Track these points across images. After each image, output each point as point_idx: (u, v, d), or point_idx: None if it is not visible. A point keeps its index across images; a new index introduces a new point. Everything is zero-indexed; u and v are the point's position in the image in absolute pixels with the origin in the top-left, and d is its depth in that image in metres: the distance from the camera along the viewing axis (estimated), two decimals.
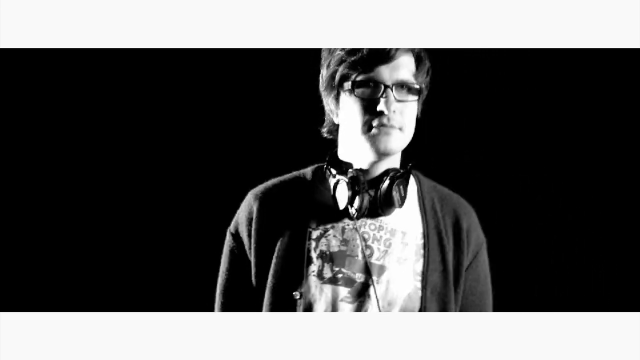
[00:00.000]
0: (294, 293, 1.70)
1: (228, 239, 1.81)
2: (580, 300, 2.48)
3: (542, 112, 2.52)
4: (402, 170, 1.75)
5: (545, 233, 2.52)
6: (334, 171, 1.76)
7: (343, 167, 1.76)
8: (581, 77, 2.49)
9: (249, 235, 1.77)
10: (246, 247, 1.77)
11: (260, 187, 1.82)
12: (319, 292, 1.70)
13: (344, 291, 1.71)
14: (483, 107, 2.53)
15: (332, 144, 1.82)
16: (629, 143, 2.48)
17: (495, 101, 2.53)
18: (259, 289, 1.74)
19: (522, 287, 2.51)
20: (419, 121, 1.79)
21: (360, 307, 1.70)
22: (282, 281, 1.71)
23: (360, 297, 1.71)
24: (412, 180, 1.81)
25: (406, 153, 1.79)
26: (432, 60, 1.80)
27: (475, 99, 2.53)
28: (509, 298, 2.49)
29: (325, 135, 1.83)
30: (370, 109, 1.69)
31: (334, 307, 1.70)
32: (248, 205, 1.80)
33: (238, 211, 1.82)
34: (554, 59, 2.47)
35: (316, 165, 1.83)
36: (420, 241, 1.76)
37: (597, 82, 2.49)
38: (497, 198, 2.53)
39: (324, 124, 1.82)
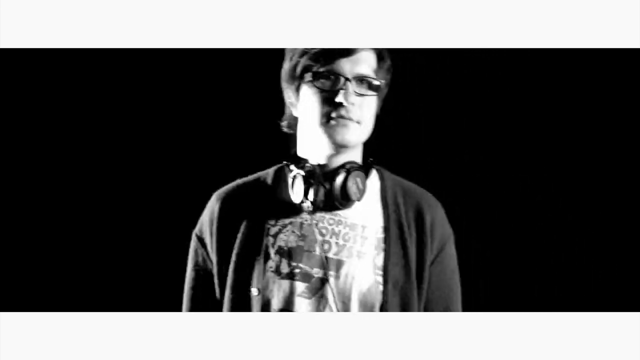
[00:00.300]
0: (251, 289, 1.71)
1: (193, 241, 1.83)
2: (579, 300, 2.47)
3: (542, 112, 2.52)
4: (359, 164, 1.77)
5: (545, 233, 2.52)
6: (292, 167, 1.77)
7: (301, 163, 1.77)
8: (581, 77, 2.49)
9: (211, 235, 1.79)
10: (209, 247, 1.79)
11: (223, 188, 1.84)
12: (276, 287, 1.71)
13: (301, 286, 1.71)
14: (483, 107, 2.53)
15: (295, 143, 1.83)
16: (629, 143, 2.48)
17: (495, 101, 2.53)
18: (222, 288, 1.76)
19: (522, 287, 2.51)
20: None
21: (317, 302, 1.71)
22: (240, 278, 1.73)
23: (318, 292, 1.71)
24: (374, 175, 1.82)
25: (368, 149, 1.81)
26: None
27: (475, 99, 2.53)
28: (510, 298, 2.50)
29: (284, 129, 1.84)
30: (329, 101, 1.71)
31: (291, 303, 1.71)
32: (211, 206, 1.82)
33: (203, 213, 1.84)
34: (554, 59, 2.47)
35: (278, 165, 1.84)
36: (381, 235, 1.76)
37: (597, 82, 2.48)
38: (497, 198, 2.53)
39: (284, 117, 1.84)
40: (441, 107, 2.53)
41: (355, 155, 1.78)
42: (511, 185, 2.53)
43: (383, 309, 1.70)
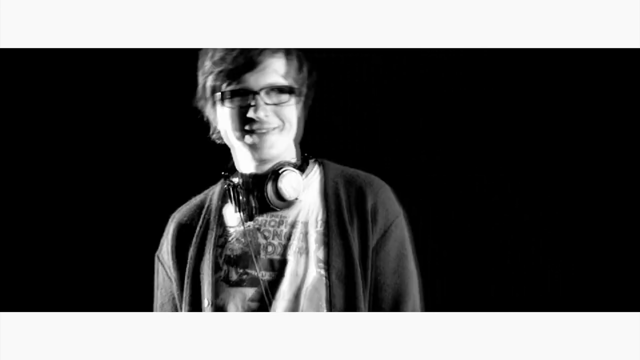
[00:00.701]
0: (203, 301, 1.76)
1: (156, 262, 1.89)
2: (579, 300, 2.47)
3: (539, 113, 2.52)
4: (290, 162, 1.79)
5: (545, 233, 2.52)
6: (228, 179, 1.81)
7: (235, 174, 1.82)
8: (579, 77, 2.48)
9: (168, 254, 1.85)
10: (168, 266, 1.85)
11: (178, 209, 1.90)
12: (227, 295, 1.75)
13: (250, 291, 1.75)
14: (480, 106, 2.53)
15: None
16: (628, 143, 2.48)
17: (493, 101, 2.53)
18: (182, 303, 1.81)
19: (520, 287, 2.51)
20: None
21: (266, 304, 1.73)
22: (194, 291, 1.78)
23: (266, 294, 1.74)
24: (315, 169, 1.84)
25: (305, 146, 1.83)
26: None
27: (472, 99, 2.53)
28: (509, 298, 2.50)
29: (217, 141, 1.85)
30: (241, 117, 1.74)
31: (243, 308, 1.74)
32: (167, 227, 1.89)
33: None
34: (550, 59, 2.46)
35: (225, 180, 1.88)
36: (321, 228, 1.77)
37: (597, 82, 2.48)
38: (497, 198, 2.53)
39: (211, 131, 1.85)
40: (439, 107, 2.53)
41: (288, 155, 1.80)
42: (511, 185, 2.53)
43: (330, 302, 1.72)
